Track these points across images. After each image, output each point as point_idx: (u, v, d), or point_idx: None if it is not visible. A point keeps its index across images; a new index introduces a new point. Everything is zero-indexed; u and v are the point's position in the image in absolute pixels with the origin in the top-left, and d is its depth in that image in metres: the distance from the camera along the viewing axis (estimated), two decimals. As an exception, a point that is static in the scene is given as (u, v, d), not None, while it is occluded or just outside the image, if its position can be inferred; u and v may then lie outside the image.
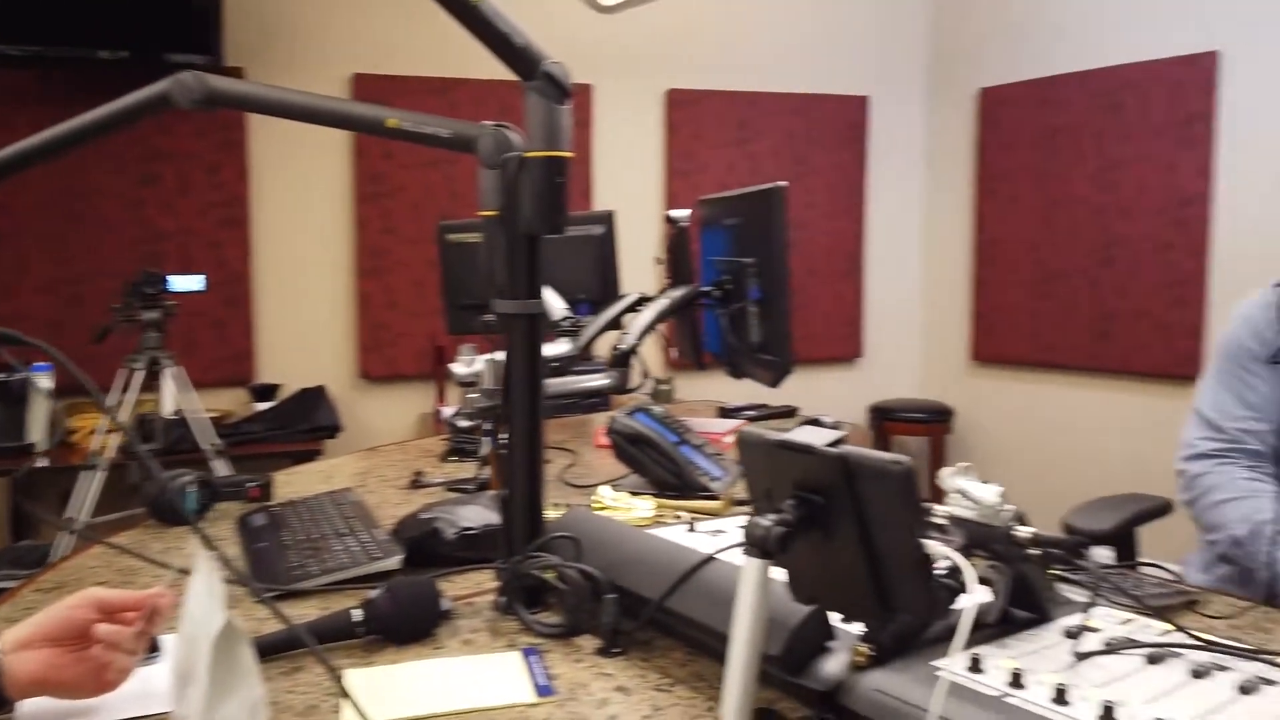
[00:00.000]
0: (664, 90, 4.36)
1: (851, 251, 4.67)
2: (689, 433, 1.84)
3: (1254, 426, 1.42)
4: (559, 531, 1.18)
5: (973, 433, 4.53)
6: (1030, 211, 4.23)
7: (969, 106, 4.51)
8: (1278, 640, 1.11)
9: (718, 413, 2.65)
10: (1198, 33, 3.69)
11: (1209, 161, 3.66)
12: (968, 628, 0.77)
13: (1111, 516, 1.57)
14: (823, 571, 0.87)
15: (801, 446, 0.83)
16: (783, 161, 4.52)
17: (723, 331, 2.08)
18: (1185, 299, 3.71)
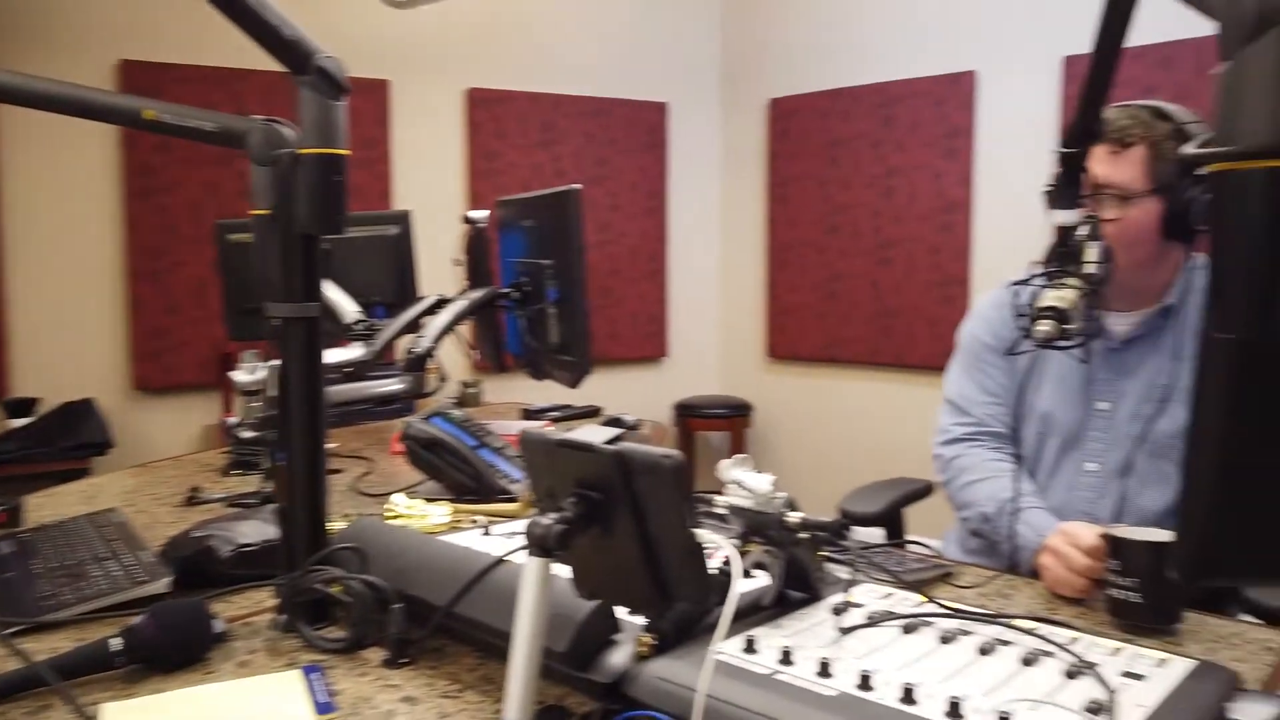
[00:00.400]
0: (464, 89, 4.31)
1: (654, 253, 4.78)
2: (489, 435, 1.83)
3: (995, 409, 1.58)
4: (342, 543, 1.14)
5: (770, 425, 4.75)
6: (817, 216, 4.48)
7: (760, 116, 4.72)
8: (1016, 604, 1.23)
9: (521, 414, 2.64)
10: (958, 54, 4.04)
11: (969, 171, 4.02)
12: (731, 612, 0.81)
13: (881, 499, 1.69)
14: (605, 566, 0.89)
15: (580, 445, 0.84)
16: (586, 164, 4.57)
17: (522, 333, 2.07)
18: (952, 296, 4.05)
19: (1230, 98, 0.54)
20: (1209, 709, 0.85)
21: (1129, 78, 3.53)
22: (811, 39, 4.53)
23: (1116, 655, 0.96)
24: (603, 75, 4.60)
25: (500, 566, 1.06)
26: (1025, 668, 0.92)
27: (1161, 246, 1.42)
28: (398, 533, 1.25)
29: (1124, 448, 1.45)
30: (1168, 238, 1.40)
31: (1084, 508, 1.47)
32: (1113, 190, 1.39)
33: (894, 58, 4.24)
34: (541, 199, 2.08)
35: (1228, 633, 1.11)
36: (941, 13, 4.10)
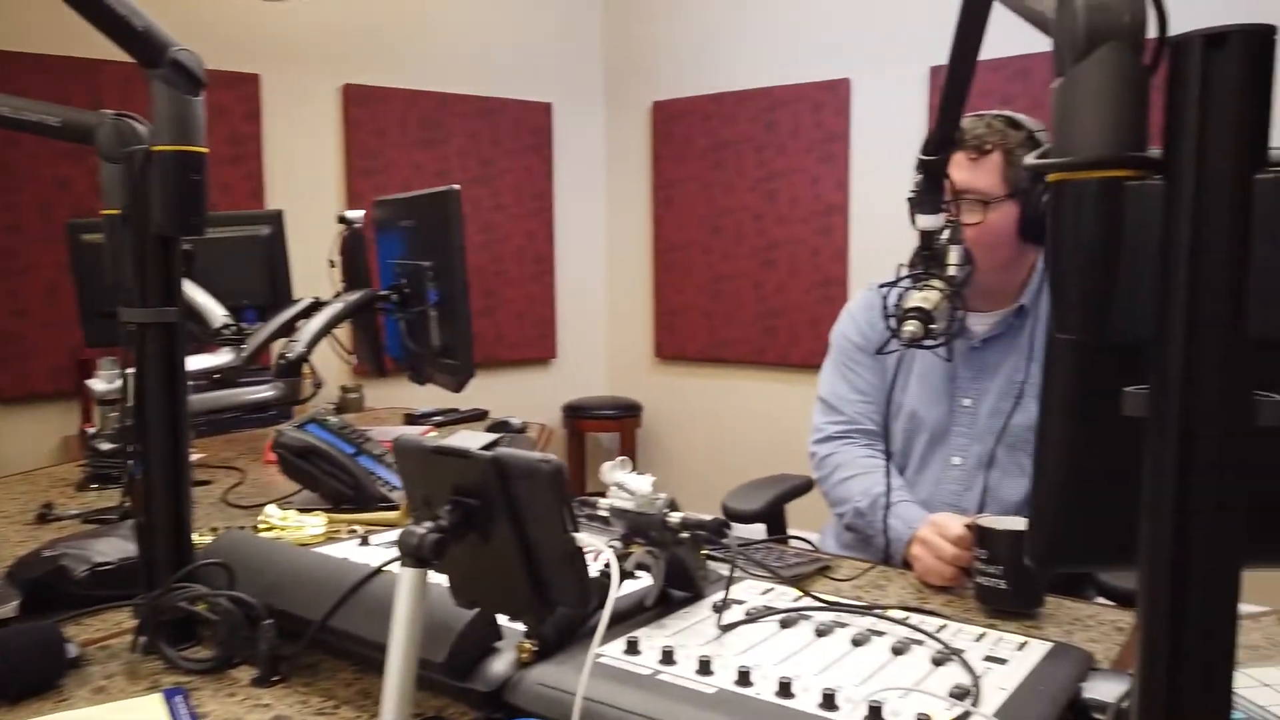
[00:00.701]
0: (340, 85, 4.18)
1: (541, 255, 4.76)
2: (368, 442, 1.78)
3: (865, 408, 1.63)
4: (207, 558, 1.09)
5: (659, 425, 4.79)
6: (701, 218, 4.54)
7: (643, 118, 4.76)
8: (890, 595, 1.27)
9: (404, 420, 2.58)
10: (833, 61, 4.16)
11: (846, 176, 4.15)
12: (609, 615, 0.81)
13: (762, 496, 1.73)
14: (483, 574, 0.88)
15: (455, 451, 0.83)
16: (470, 164, 4.51)
17: (402, 336, 2.03)
18: (832, 297, 4.17)
19: (1065, 111, 0.57)
20: (1065, 688, 0.89)
21: (989, 89, 3.72)
22: (693, 43, 4.58)
23: (981, 641, 1.00)
24: (486, 74, 4.55)
25: (378, 577, 1.03)
26: (896, 657, 0.95)
27: (1019, 248, 1.50)
28: (268, 546, 1.21)
29: (986, 442, 1.52)
30: (1024, 240, 1.48)
31: (950, 500, 1.53)
32: (973, 195, 1.46)
33: (774, 63, 4.34)
34: (420, 199, 2.04)
35: (1084, 615, 1.18)
36: (817, 20, 4.21)
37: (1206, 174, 0.52)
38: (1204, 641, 0.54)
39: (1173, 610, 0.54)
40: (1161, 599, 0.55)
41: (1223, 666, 0.54)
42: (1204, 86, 0.52)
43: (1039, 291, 1.52)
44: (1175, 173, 0.53)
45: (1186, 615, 0.54)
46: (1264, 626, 1.13)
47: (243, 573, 1.07)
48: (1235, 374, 0.52)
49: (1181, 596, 0.54)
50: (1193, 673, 0.54)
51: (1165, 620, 0.54)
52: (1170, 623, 0.54)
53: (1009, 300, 1.55)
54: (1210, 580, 0.53)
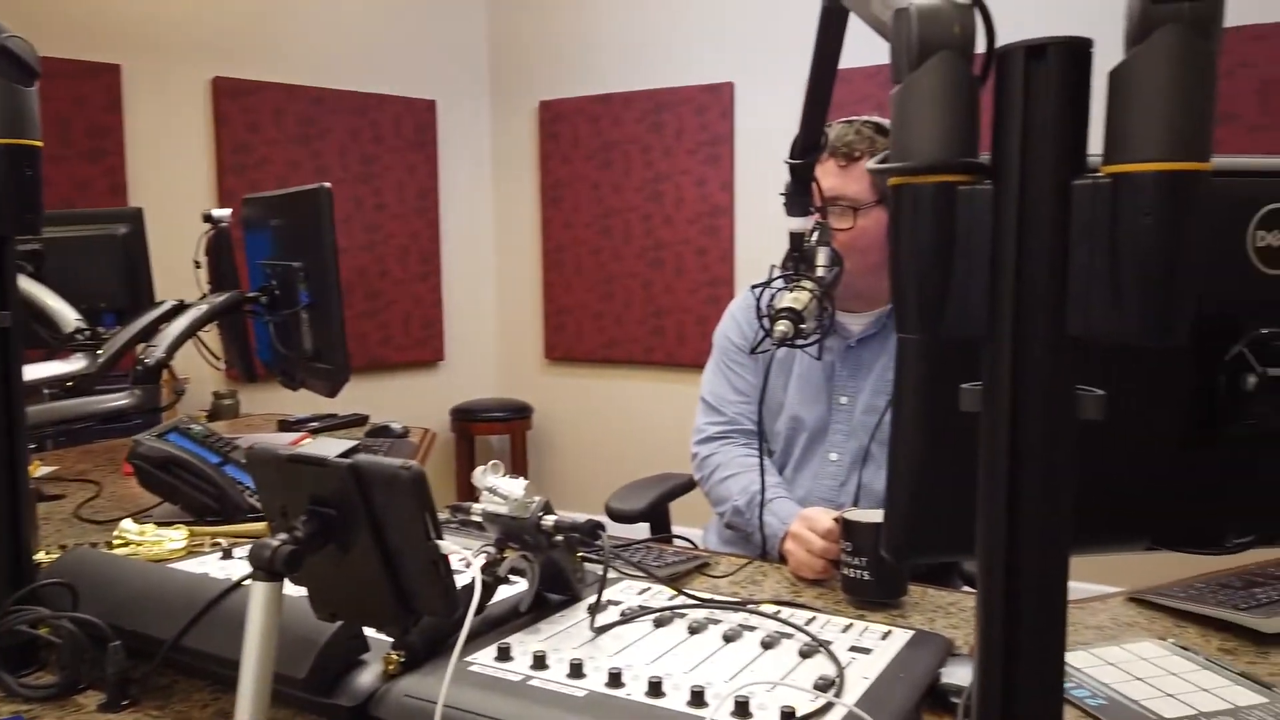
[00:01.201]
0: (209, 78, 4.01)
1: (427, 254, 4.66)
2: (234, 450, 1.71)
3: (745, 408, 1.66)
4: (49, 578, 1.02)
5: (549, 427, 4.76)
6: (590, 219, 4.54)
7: (530, 117, 4.72)
8: (765, 589, 1.29)
9: (279, 426, 2.49)
10: (717, 64, 4.22)
11: (731, 178, 4.21)
12: (469, 622, 0.79)
13: (645, 496, 1.74)
14: (345, 585, 0.85)
15: (312, 459, 0.80)
16: (350, 161, 4.38)
17: (273, 340, 1.95)
18: (718, 297, 4.22)
19: (902, 117, 0.58)
20: (925, 674, 0.92)
21: (866, 94, 3.83)
22: (579, 43, 4.58)
23: (847, 632, 1.03)
24: (367, 70, 4.43)
25: (236, 593, 0.99)
26: (765, 651, 0.97)
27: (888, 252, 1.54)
28: (116, 563, 1.14)
29: (861, 439, 1.56)
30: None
31: (827, 495, 1.57)
32: (844, 202, 1.50)
33: (659, 65, 4.37)
34: (290, 197, 1.97)
35: (946, 602, 1.23)
36: (701, 24, 4.26)
37: (1029, 179, 0.54)
38: (1036, 624, 0.56)
39: (1007, 596, 0.56)
40: (996, 586, 0.57)
41: (1054, 646, 0.57)
42: (1026, 95, 0.54)
43: None
44: (1001, 178, 0.55)
45: (1020, 600, 0.56)
46: (1110, 608, 1.20)
47: (89, 592, 1.01)
48: (1059, 370, 0.55)
49: (1015, 582, 0.56)
50: (1027, 653, 0.57)
51: (1000, 606, 0.57)
52: (1005, 608, 0.56)
53: (882, 301, 1.60)
54: (1040, 566, 0.56)
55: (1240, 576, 1.23)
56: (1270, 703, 0.92)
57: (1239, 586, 1.18)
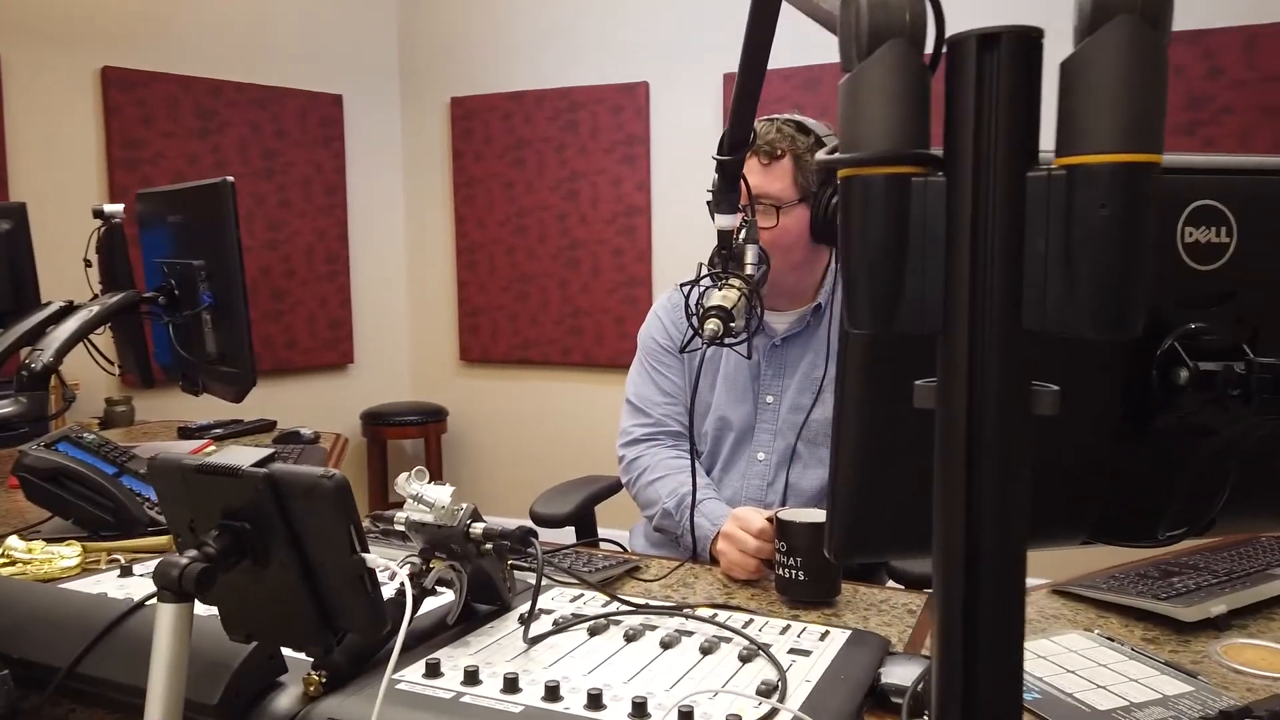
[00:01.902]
0: (98, 68, 3.80)
1: (335, 254, 4.52)
2: (131, 460, 1.61)
3: (671, 409, 1.64)
4: (-76, 605, 0.94)
5: (465, 430, 4.67)
6: (505, 217, 4.47)
7: (441, 114, 4.62)
8: (698, 592, 1.27)
9: (179, 434, 2.36)
10: (632, 64, 4.20)
11: (647, 177, 4.20)
12: (402, 638, 0.75)
13: (570, 500, 1.70)
14: (261, 603, 0.79)
15: (223, 469, 0.74)
16: (252, 156, 4.21)
17: (172, 342, 1.85)
18: (635, 297, 4.21)
19: (851, 108, 0.57)
20: (865, 675, 0.92)
21: (780, 95, 3.87)
22: (491, 39, 4.50)
23: (785, 634, 1.01)
24: (268, 61, 4.26)
25: (138, 614, 0.92)
26: (704, 656, 0.95)
27: (812, 250, 1.54)
28: (2, 584, 1.05)
29: (788, 438, 1.55)
30: (816, 241, 1.52)
31: (755, 495, 1.56)
32: (767, 200, 1.49)
33: (573, 64, 4.33)
34: (190, 192, 1.87)
35: (878, 600, 1.23)
36: (615, 23, 4.24)
37: (982, 171, 0.53)
38: (996, 622, 0.55)
39: (966, 593, 0.55)
40: (955, 583, 0.55)
41: (1014, 643, 0.56)
42: (978, 85, 0.53)
43: (834, 290, 1.58)
44: (954, 169, 0.54)
45: (979, 597, 0.55)
46: (1034, 600, 1.22)
47: (-31, 620, 0.93)
48: (1015, 364, 0.54)
49: (974, 579, 0.55)
50: (987, 649, 0.55)
51: (959, 603, 0.55)
52: (964, 605, 0.55)
53: (806, 299, 1.60)
54: (999, 562, 0.55)
55: (1157, 566, 1.26)
56: (1196, 691, 0.94)
57: (1157, 576, 1.21)
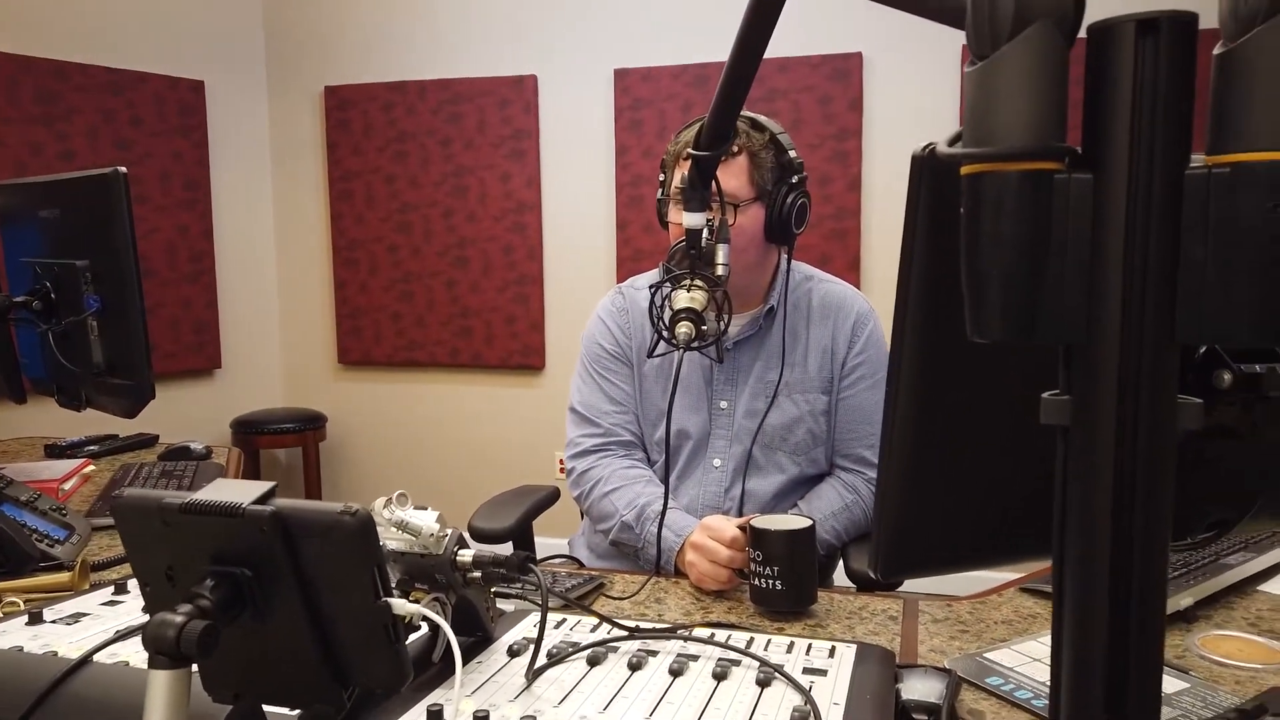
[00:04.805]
0: (-76, 44, 3.40)
1: (199, 252, 4.20)
2: (10, 485, 1.42)
3: (621, 419, 1.57)
4: None
5: (347, 437, 4.44)
6: (386, 213, 4.27)
7: (314, 103, 4.37)
8: (672, 608, 1.22)
9: (46, 453, 2.11)
10: (519, 57, 4.09)
11: (537, 174, 4.10)
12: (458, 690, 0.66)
13: (511, 513, 1.61)
14: (257, 659, 0.68)
15: (219, 508, 0.63)
16: (102, 145, 3.86)
17: (50, 353, 1.64)
18: (527, 295, 4.10)
19: (984, 98, 0.52)
20: (887, 692, 0.88)
21: (673, 92, 3.85)
22: (367, 26, 4.28)
23: (793, 653, 0.97)
24: (118, 43, 3.92)
25: (81, 671, 0.78)
26: (719, 683, 0.90)
27: (764, 250, 1.50)
28: (-103, 649, 0.89)
29: (744, 443, 1.51)
30: (769, 241, 1.49)
31: (712, 502, 1.51)
32: (725, 198, 1.44)
33: (457, 54, 4.17)
34: (70, 184, 1.67)
35: (855, 607, 1.20)
36: (501, 15, 4.11)
37: (1139, 168, 0.50)
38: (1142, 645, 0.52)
39: (1113, 612, 0.52)
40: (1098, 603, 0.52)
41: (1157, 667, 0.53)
42: (1136, 75, 0.49)
43: (783, 293, 1.55)
44: (1106, 166, 0.50)
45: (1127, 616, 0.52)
46: (1008, 600, 1.22)
47: None
48: (1170, 381, 0.51)
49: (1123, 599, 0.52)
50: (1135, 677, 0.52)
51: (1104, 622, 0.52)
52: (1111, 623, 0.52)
53: (756, 302, 1.56)
54: (1146, 578, 0.52)
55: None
56: (1192, 687, 0.95)
57: (1124, 571, 1.23)
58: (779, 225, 1.46)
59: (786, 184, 1.45)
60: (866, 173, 3.69)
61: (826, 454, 1.56)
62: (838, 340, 1.54)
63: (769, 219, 1.46)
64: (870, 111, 3.69)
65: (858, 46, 3.64)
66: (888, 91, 3.66)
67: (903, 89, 3.63)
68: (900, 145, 3.67)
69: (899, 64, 3.61)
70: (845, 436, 1.54)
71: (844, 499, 1.51)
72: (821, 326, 1.55)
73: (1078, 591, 0.53)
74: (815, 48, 3.65)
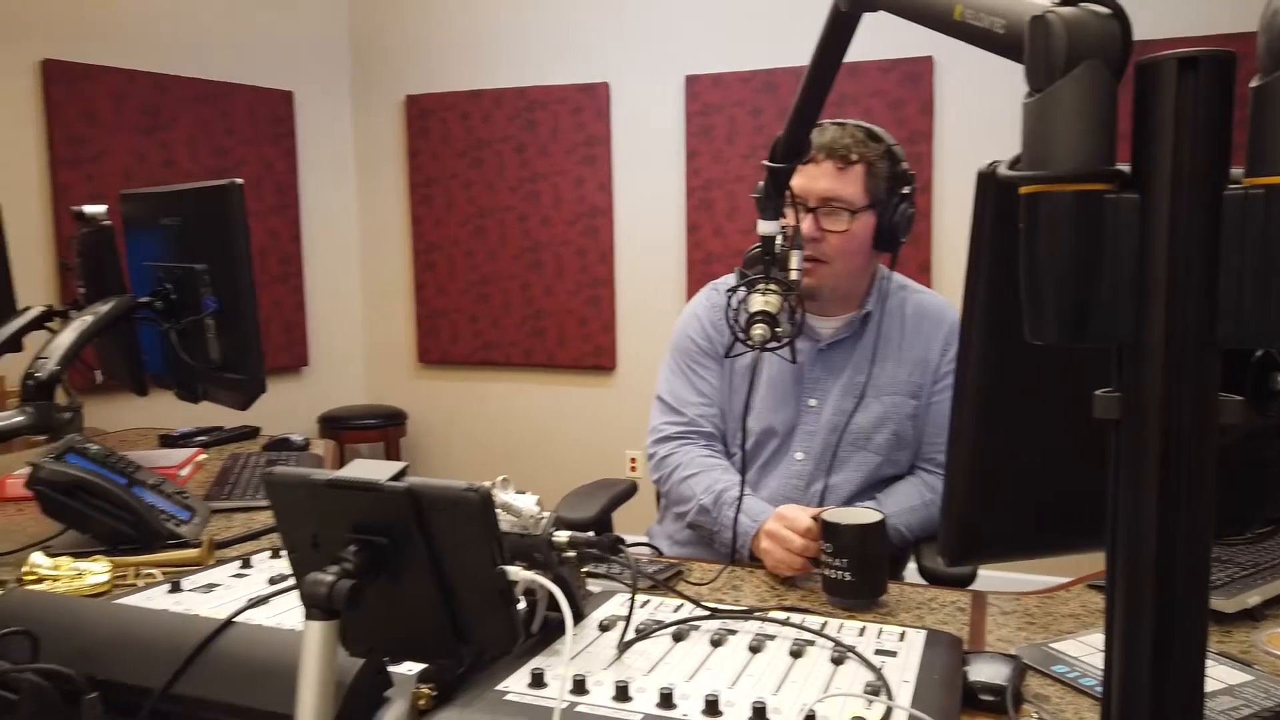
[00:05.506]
0: (38, 60, 3.63)
1: (288, 255, 4.41)
2: (139, 471, 1.55)
3: (706, 411, 1.65)
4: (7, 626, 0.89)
5: (425, 433, 4.61)
6: (463, 218, 4.42)
7: (396, 112, 4.55)
8: (748, 594, 1.29)
9: (160, 442, 2.28)
10: (592, 65, 4.20)
11: (609, 179, 4.20)
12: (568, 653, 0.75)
13: (593, 504, 1.70)
14: (389, 618, 0.78)
15: (361, 484, 0.73)
16: (201, 154, 4.08)
17: (171, 350, 1.78)
18: (599, 298, 4.20)
19: (1041, 126, 0.59)
20: (955, 673, 0.94)
21: (740, 99, 3.91)
22: (447, 37, 4.44)
23: (864, 636, 1.04)
24: (214, 56, 4.13)
25: (227, 631, 0.89)
26: (796, 660, 0.97)
27: (870, 256, 1.58)
28: (75, 605, 1.01)
29: (829, 441, 1.58)
30: (876, 248, 1.56)
31: (793, 496, 1.58)
32: (839, 204, 1.51)
33: (532, 63, 4.30)
34: (190, 194, 1.81)
35: (925, 599, 1.26)
36: (575, 24, 4.23)
37: (1180, 189, 0.56)
38: (1185, 633, 0.58)
39: (1156, 602, 0.58)
40: (1144, 593, 0.58)
41: (1200, 652, 0.59)
42: (1177, 106, 0.55)
43: (880, 299, 1.61)
44: (1151, 187, 0.56)
45: (1170, 611, 0.58)
46: (1076, 596, 1.27)
47: (47, 639, 0.89)
48: (1211, 377, 0.56)
49: (1167, 590, 0.57)
50: (1177, 660, 0.58)
51: (1150, 611, 0.58)
52: (1154, 613, 0.58)
53: (855, 305, 1.62)
54: (1189, 571, 0.58)
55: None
56: (1257, 679, 0.99)
57: (1189, 568, 1.27)
58: (887, 233, 1.53)
59: (898, 194, 1.52)
60: (937, 177, 3.70)
61: (910, 457, 1.62)
62: (931, 348, 1.60)
63: (879, 227, 1.53)
64: (941, 116, 3.70)
65: (929, 51, 3.65)
66: (959, 96, 3.67)
67: (974, 93, 3.63)
68: (971, 150, 3.67)
69: (970, 68, 3.61)
70: (932, 440, 1.60)
71: (923, 497, 1.56)
72: (916, 334, 1.61)
73: (1126, 565, 0.59)
74: (886, 52, 3.67)
